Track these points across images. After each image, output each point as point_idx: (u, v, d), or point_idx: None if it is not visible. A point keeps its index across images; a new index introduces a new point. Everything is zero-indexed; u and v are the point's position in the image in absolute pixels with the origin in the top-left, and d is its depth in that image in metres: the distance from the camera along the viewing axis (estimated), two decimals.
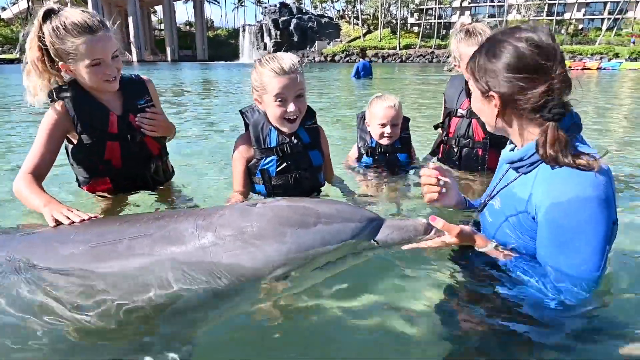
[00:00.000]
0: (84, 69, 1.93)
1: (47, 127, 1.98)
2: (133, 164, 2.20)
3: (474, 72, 1.49)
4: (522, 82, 1.36)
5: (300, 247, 1.30)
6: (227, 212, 1.38)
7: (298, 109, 2.06)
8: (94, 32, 1.87)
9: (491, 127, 1.56)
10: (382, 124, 2.87)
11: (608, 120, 7.53)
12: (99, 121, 2.06)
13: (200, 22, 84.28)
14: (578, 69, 31.86)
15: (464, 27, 2.65)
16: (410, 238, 1.45)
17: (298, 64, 2.03)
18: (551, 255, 1.37)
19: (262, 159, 2.15)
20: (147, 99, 2.23)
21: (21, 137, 6.05)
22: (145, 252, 1.28)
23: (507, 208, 1.53)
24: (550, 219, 1.33)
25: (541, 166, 1.41)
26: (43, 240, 1.43)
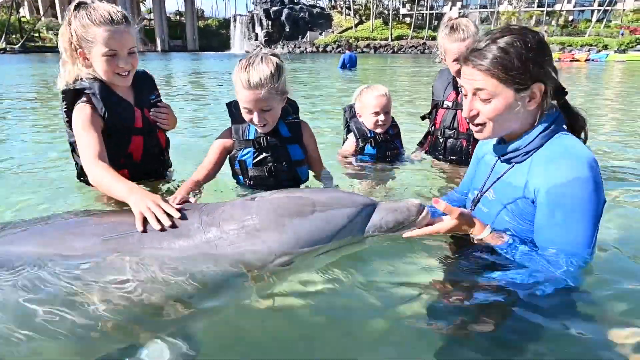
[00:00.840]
0: (99, 58, 1.99)
1: (85, 121, 2.00)
2: (150, 158, 2.30)
3: (506, 71, 1.41)
4: (553, 70, 1.45)
5: (300, 235, 1.37)
6: (229, 207, 1.45)
7: (263, 120, 2.09)
8: (115, 24, 1.96)
9: (510, 128, 1.52)
10: (375, 113, 2.95)
11: (596, 113, 7.63)
12: (126, 116, 2.14)
13: (191, 11, 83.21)
14: (567, 61, 32.08)
15: (450, 21, 2.71)
16: (405, 219, 1.48)
17: (269, 77, 1.99)
18: (550, 233, 1.44)
19: (241, 150, 2.22)
20: (157, 94, 2.32)
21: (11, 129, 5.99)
22: (155, 246, 1.33)
23: (503, 197, 1.58)
24: (551, 199, 1.40)
25: (534, 155, 1.49)
26: (54, 232, 1.45)
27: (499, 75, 1.41)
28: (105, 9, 1.97)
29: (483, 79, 1.44)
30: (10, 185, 3.09)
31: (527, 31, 1.44)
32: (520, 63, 1.39)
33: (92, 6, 1.98)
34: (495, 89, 1.43)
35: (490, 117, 1.48)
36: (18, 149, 4.57)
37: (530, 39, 1.41)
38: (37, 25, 68.08)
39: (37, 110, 8.04)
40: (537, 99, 1.45)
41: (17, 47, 55.99)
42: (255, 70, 1.99)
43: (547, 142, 1.48)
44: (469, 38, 2.61)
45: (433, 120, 3.07)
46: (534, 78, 1.42)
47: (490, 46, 1.43)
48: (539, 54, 1.41)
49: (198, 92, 11.42)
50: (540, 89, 1.43)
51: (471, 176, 1.93)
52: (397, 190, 2.80)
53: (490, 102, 1.46)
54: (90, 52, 2.01)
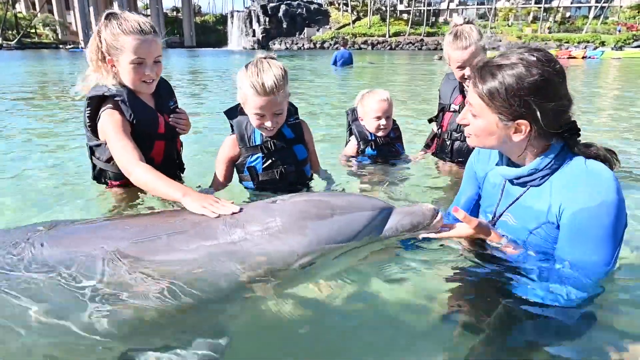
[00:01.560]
0: (127, 65, 2.08)
1: (117, 127, 2.07)
2: (169, 162, 2.38)
3: (490, 98, 1.43)
4: (555, 108, 1.40)
5: (320, 238, 1.42)
6: (251, 209, 1.51)
7: (276, 122, 2.13)
8: (143, 34, 2.06)
9: (492, 147, 1.56)
10: (377, 117, 3.03)
11: (594, 111, 7.71)
12: (151, 122, 2.22)
13: (188, 7, 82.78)
14: (564, 58, 32.14)
15: (454, 28, 2.77)
16: (419, 222, 1.54)
17: (282, 79, 2.03)
18: (573, 254, 1.44)
19: (249, 157, 2.24)
20: (175, 100, 2.41)
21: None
22: (183, 248, 1.39)
23: (527, 222, 1.57)
24: (577, 222, 1.41)
25: (553, 177, 1.48)
26: (84, 235, 1.50)
27: (484, 99, 1.45)
28: (135, 20, 2.07)
29: (474, 97, 1.49)
30: (10, 185, 3.16)
31: (535, 66, 1.38)
32: (507, 96, 1.39)
33: (123, 16, 2.07)
34: (481, 110, 1.47)
35: (474, 132, 1.55)
36: (20, 149, 4.60)
37: (531, 77, 1.37)
38: (34, 21, 67.58)
39: (36, 108, 8.04)
40: (523, 134, 1.44)
41: (13, 44, 55.62)
42: (268, 75, 2.00)
43: (564, 164, 1.47)
44: (471, 46, 2.68)
45: (440, 123, 3.15)
46: (519, 115, 1.41)
47: (493, 70, 1.43)
48: (532, 93, 1.37)
49: (196, 90, 11.42)
50: (525, 125, 1.42)
51: (467, 192, 1.92)
52: (400, 189, 2.88)
53: (476, 118, 1.51)
54: (118, 59, 2.09)
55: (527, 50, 1.43)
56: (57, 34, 67.33)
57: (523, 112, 1.40)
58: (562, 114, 1.43)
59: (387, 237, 1.53)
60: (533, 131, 1.43)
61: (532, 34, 62.18)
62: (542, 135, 1.45)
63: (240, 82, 2.08)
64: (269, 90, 2.00)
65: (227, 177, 2.32)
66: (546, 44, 56.02)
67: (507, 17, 71.57)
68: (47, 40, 65.37)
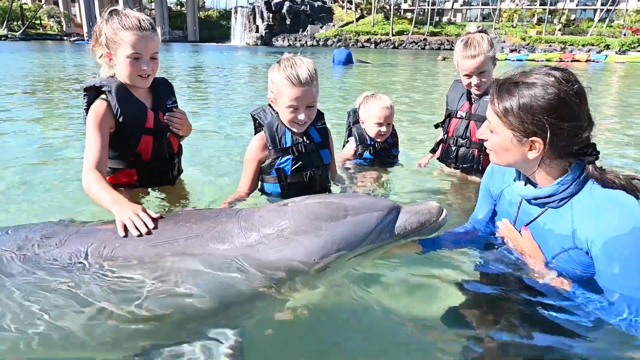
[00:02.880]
0: (124, 59, 2.14)
1: (96, 124, 2.12)
2: (159, 160, 2.38)
3: (505, 114, 1.45)
4: (570, 128, 1.40)
5: (335, 238, 1.45)
6: (265, 213, 1.52)
7: (308, 117, 2.19)
8: (142, 30, 2.13)
9: (509, 165, 1.57)
10: (378, 124, 3.10)
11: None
12: (138, 115, 2.25)
13: (192, 2, 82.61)
14: (568, 61, 32.13)
15: (466, 36, 2.79)
16: (427, 220, 1.58)
17: (314, 72, 2.13)
18: (611, 282, 1.42)
19: (278, 159, 2.26)
20: (174, 100, 2.44)
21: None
22: (200, 251, 1.42)
23: (549, 246, 1.56)
24: (609, 252, 1.39)
25: (573, 201, 1.47)
26: (105, 236, 1.52)
27: (499, 115, 1.47)
28: (135, 16, 2.15)
29: (490, 112, 1.53)
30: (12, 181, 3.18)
31: (553, 86, 1.39)
32: (520, 114, 1.42)
33: (124, 13, 2.15)
34: (496, 126, 1.50)
35: (491, 148, 1.57)
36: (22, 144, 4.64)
37: (547, 96, 1.39)
38: (39, 12, 67.57)
39: (40, 101, 8.08)
40: (537, 151, 1.45)
41: (18, 34, 55.65)
42: (302, 68, 2.09)
43: (584, 188, 1.47)
44: (480, 55, 2.69)
45: (446, 129, 3.18)
46: (532, 132, 1.42)
47: (510, 87, 1.46)
48: (546, 113, 1.38)
49: (199, 89, 11.43)
50: (539, 143, 1.43)
51: (484, 209, 1.94)
52: (398, 192, 2.96)
53: (493, 134, 1.54)
54: (116, 53, 2.16)
55: (547, 69, 1.44)
56: (61, 26, 67.40)
57: (536, 130, 1.41)
58: (578, 134, 1.42)
59: (397, 235, 1.56)
60: (547, 149, 1.44)
61: (536, 36, 62.10)
62: (557, 155, 1.46)
63: (274, 77, 2.13)
64: (304, 81, 2.08)
65: (256, 177, 2.35)
66: (550, 46, 55.88)
67: (511, 18, 71.44)
68: (52, 31, 65.39)
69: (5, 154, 4.11)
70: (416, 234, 1.60)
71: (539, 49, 51.61)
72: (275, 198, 2.32)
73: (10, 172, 3.41)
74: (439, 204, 1.64)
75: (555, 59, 33.02)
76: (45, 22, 68.02)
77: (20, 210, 2.66)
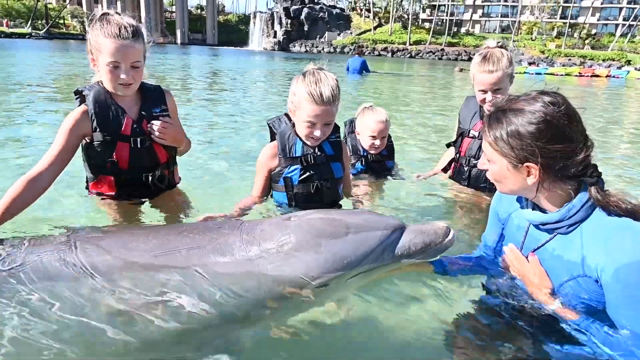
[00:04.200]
0: (104, 67, 2.11)
1: (66, 128, 2.12)
2: (138, 168, 2.30)
3: (495, 143, 1.46)
4: (562, 150, 1.39)
5: (335, 256, 1.43)
6: (267, 226, 1.51)
7: (323, 134, 2.17)
8: (120, 38, 2.06)
9: (513, 192, 1.56)
10: (372, 137, 3.12)
11: (613, 134, 7.60)
12: (114, 121, 2.20)
13: (212, 6, 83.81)
14: (587, 76, 31.70)
15: (485, 50, 2.72)
16: (432, 241, 1.54)
17: (337, 90, 2.09)
18: (622, 313, 1.38)
19: (287, 167, 2.25)
20: (163, 109, 2.36)
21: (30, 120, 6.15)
22: (201, 263, 1.41)
23: (557, 273, 1.52)
24: (620, 279, 1.34)
25: (583, 226, 1.44)
26: (109, 245, 1.51)
27: (491, 144, 1.48)
28: (117, 23, 2.07)
29: (484, 142, 1.53)
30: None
31: (540, 110, 1.40)
32: (509, 141, 1.42)
33: (108, 19, 2.09)
34: (491, 155, 1.51)
35: (493, 177, 1.57)
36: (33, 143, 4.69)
37: (534, 120, 1.39)
38: (63, 12, 69.17)
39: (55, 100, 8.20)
40: (534, 177, 1.44)
41: (42, 33, 56.96)
42: (326, 85, 2.05)
43: (593, 213, 1.44)
44: (498, 71, 2.62)
45: (458, 148, 3.11)
46: (524, 158, 1.42)
47: (498, 115, 1.47)
48: (534, 137, 1.39)
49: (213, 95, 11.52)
50: (535, 168, 1.42)
51: (494, 236, 1.91)
52: (386, 204, 2.94)
53: (491, 163, 1.54)
54: (98, 59, 2.13)
55: (535, 94, 1.45)
56: (84, 26, 68.68)
57: (527, 156, 1.41)
58: (573, 156, 1.40)
59: (400, 256, 1.53)
60: (543, 174, 1.42)
61: (555, 49, 61.49)
62: (555, 178, 1.44)
63: (296, 89, 2.11)
64: (327, 100, 2.05)
65: (267, 184, 2.34)
66: (570, 60, 55.27)
67: (530, 31, 70.90)
68: (74, 31, 66.78)
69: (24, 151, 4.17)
70: (421, 254, 1.55)
71: (558, 62, 51.11)
72: (284, 209, 2.31)
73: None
74: (446, 225, 1.59)
75: (574, 74, 32.55)
76: (68, 22, 69.56)
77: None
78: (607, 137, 6.86)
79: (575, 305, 1.48)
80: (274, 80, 16.27)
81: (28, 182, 1.94)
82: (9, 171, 3.49)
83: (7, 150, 4.26)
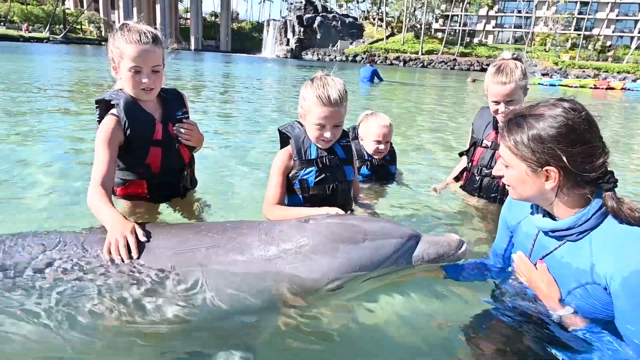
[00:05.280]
0: (126, 72, 2.18)
1: (105, 139, 2.14)
2: (169, 171, 2.38)
3: (516, 147, 1.46)
4: (583, 154, 1.39)
5: (351, 262, 1.47)
6: (285, 228, 1.55)
7: (333, 135, 2.24)
8: (141, 43, 2.15)
9: (528, 199, 1.55)
10: (377, 141, 3.20)
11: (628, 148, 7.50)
12: (146, 128, 2.27)
13: (226, 13, 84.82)
14: (602, 88, 31.36)
15: (499, 61, 2.73)
16: (445, 252, 1.59)
17: (344, 93, 2.18)
18: (631, 322, 1.35)
19: (302, 170, 2.30)
20: (184, 111, 2.46)
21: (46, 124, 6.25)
22: (221, 261, 1.47)
23: (565, 281, 1.52)
24: (629, 287, 1.33)
25: (593, 234, 1.44)
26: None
27: (511, 149, 1.48)
28: (137, 30, 2.17)
29: (502, 147, 1.53)
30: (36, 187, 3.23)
31: (560, 115, 1.41)
32: (530, 144, 1.43)
33: (129, 27, 2.19)
34: (510, 160, 1.51)
35: (508, 182, 1.56)
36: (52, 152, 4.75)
37: (555, 124, 1.40)
38: (80, 17, 70.48)
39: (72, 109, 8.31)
40: (554, 181, 1.44)
41: (59, 37, 58.05)
42: (333, 88, 2.15)
43: (604, 222, 1.44)
44: (511, 83, 2.63)
45: (470, 158, 3.13)
46: (545, 162, 1.42)
47: (519, 120, 1.47)
48: (555, 141, 1.40)
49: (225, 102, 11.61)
50: (555, 172, 1.42)
51: (503, 244, 1.91)
52: (398, 206, 2.97)
53: (508, 169, 1.54)
54: (120, 66, 2.20)
55: (554, 100, 1.47)
56: (100, 31, 70.00)
57: (548, 159, 1.41)
58: (593, 159, 1.40)
59: (413, 265, 1.57)
60: (563, 178, 1.43)
61: (569, 61, 61.04)
62: (574, 183, 1.44)
63: (305, 94, 2.21)
64: (334, 102, 2.14)
65: (282, 189, 2.34)
66: (583, 72, 54.79)
67: (544, 42, 70.53)
68: (91, 36, 67.98)
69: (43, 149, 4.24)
70: (433, 264, 1.60)
71: (571, 74, 50.66)
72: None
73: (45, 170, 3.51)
74: (459, 237, 1.64)
75: (589, 86, 32.19)
76: (85, 27, 70.84)
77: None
78: (622, 149, 6.76)
79: (583, 313, 1.47)
80: (285, 85, 16.37)
81: (102, 189, 1.98)
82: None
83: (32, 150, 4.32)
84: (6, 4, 64.15)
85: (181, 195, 2.52)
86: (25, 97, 8.08)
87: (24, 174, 3.49)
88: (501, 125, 1.56)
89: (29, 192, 3.10)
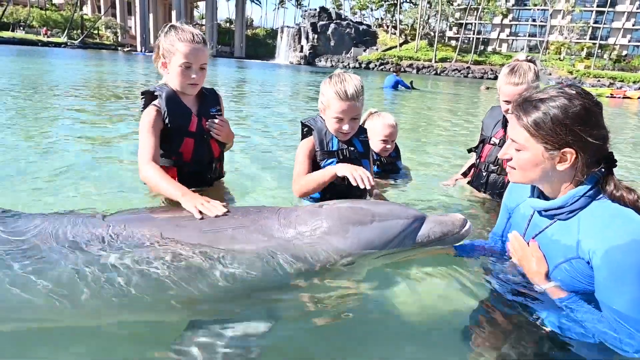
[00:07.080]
0: (176, 68, 2.40)
1: (149, 126, 2.36)
2: (199, 162, 2.58)
3: (536, 128, 1.48)
4: (598, 135, 1.46)
5: (361, 241, 1.62)
6: (301, 212, 1.71)
7: (351, 128, 2.39)
8: (194, 42, 2.39)
9: (532, 181, 1.60)
10: (383, 141, 3.36)
11: None
12: (183, 118, 2.48)
13: (241, 20, 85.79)
14: (619, 97, 30.98)
15: (513, 62, 2.80)
16: (449, 231, 1.72)
17: (361, 89, 2.33)
18: (612, 294, 1.42)
19: (323, 160, 2.45)
20: (218, 109, 2.68)
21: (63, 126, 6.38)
22: (245, 241, 1.61)
23: (553, 256, 1.59)
24: (609, 262, 1.39)
25: (581, 214, 1.51)
26: (165, 222, 1.71)
27: (530, 130, 1.50)
28: (190, 31, 2.41)
29: (519, 130, 1.54)
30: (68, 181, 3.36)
31: (576, 98, 1.46)
32: (553, 125, 1.45)
33: (180, 27, 2.42)
34: (526, 142, 1.52)
35: (518, 166, 1.59)
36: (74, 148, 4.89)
37: (574, 107, 1.45)
38: (97, 23, 71.91)
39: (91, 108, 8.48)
40: (568, 162, 1.48)
41: (77, 42, 59.26)
42: (350, 84, 2.30)
43: (592, 203, 1.50)
44: (523, 84, 2.68)
45: (479, 154, 3.23)
46: (565, 143, 1.46)
47: (536, 103, 1.50)
48: (577, 122, 1.44)
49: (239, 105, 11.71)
50: (571, 154, 1.46)
51: (502, 225, 1.99)
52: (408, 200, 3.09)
53: (520, 152, 1.56)
54: (171, 61, 2.41)
55: (564, 86, 1.52)
56: (117, 37, 71.31)
57: (569, 140, 1.45)
58: (604, 142, 1.49)
59: (420, 243, 1.70)
60: (580, 159, 1.47)
61: (584, 70, 60.40)
62: (585, 164, 1.49)
63: (325, 90, 2.37)
64: (351, 97, 2.29)
65: (309, 168, 2.45)
66: (599, 81, 54.18)
67: (558, 51, 69.93)
68: (108, 41, 69.29)
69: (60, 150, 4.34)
70: (439, 242, 1.72)
71: (586, 83, 50.17)
72: (310, 199, 2.49)
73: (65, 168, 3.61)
74: (463, 216, 1.77)
75: (606, 95, 31.85)
76: (102, 33, 72.19)
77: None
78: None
79: (566, 286, 1.56)
80: (299, 90, 16.49)
81: (156, 165, 2.21)
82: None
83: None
84: (26, 9, 65.75)
85: (208, 184, 2.70)
86: (39, 97, 8.26)
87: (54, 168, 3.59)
88: (512, 108, 1.59)
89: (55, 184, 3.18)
